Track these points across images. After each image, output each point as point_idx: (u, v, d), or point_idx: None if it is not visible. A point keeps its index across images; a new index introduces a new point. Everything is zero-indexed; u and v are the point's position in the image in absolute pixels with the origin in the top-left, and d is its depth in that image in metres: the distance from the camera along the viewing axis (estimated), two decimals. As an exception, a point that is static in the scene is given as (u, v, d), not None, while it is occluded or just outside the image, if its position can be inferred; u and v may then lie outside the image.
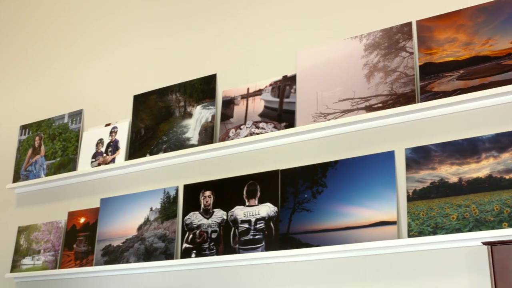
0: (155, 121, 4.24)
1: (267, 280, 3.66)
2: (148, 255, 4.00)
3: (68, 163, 4.55)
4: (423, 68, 3.36)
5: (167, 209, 4.05)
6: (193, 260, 3.80)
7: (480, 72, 3.21)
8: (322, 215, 3.49)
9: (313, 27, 3.81)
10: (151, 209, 4.11)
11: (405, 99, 3.36)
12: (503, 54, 3.18)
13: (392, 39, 3.50)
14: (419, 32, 3.43)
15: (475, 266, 3.12)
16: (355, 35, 3.63)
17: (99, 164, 4.36)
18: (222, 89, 4.04)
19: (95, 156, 4.42)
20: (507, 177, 3.09)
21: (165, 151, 4.09)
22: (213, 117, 3.98)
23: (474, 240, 3.08)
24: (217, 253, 3.76)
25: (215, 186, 3.90)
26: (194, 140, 4.00)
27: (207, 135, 3.95)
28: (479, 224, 3.08)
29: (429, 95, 3.30)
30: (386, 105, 3.40)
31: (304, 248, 3.46)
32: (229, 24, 4.14)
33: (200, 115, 4.05)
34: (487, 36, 3.25)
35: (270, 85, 3.85)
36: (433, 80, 3.32)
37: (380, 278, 3.35)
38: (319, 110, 3.60)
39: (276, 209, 3.64)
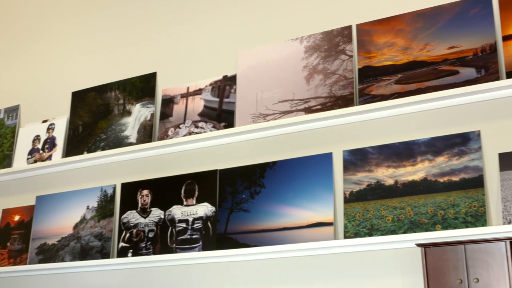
0: (94, 118, 4.20)
1: (204, 280, 3.66)
2: (84, 254, 3.96)
3: (3, 159, 4.47)
4: (362, 71, 3.40)
5: (104, 208, 4.01)
6: (130, 259, 3.77)
7: (417, 76, 3.27)
8: (259, 216, 3.50)
9: (254, 28, 3.82)
10: (87, 208, 4.07)
11: (344, 101, 3.39)
12: (440, 59, 3.24)
13: (332, 42, 3.53)
14: (359, 35, 3.47)
15: (409, 267, 3.17)
16: (295, 37, 3.65)
17: (35, 161, 4.29)
18: (162, 88, 4.02)
19: (31, 152, 4.35)
20: (441, 180, 3.14)
21: (103, 149, 4.05)
22: (152, 115, 3.96)
23: (409, 242, 3.13)
24: (154, 253, 3.74)
25: (153, 185, 3.88)
26: (133, 139, 3.97)
27: (146, 134, 3.93)
28: (413, 226, 3.13)
29: (367, 98, 3.34)
30: (325, 107, 3.43)
31: (241, 248, 3.46)
32: (171, 22, 4.12)
33: (139, 113, 4.02)
34: (425, 41, 3.30)
35: (210, 84, 3.84)
36: (371, 83, 3.36)
37: (316, 278, 3.37)
38: (258, 111, 3.61)
39: (214, 209, 3.64)
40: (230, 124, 3.69)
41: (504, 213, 2.97)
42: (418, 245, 2.96)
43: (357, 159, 3.35)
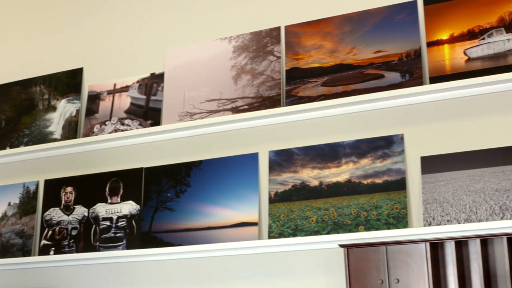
0: (17, 113, 4.11)
1: (127, 279, 3.63)
2: (4, 251, 3.88)
3: None
4: (289, 72, 3.43)
5: (26, 204, 3.93)
6: (52, 257, 3.71)
7: (344, 79, 3.31)
8: (184, 215, 3.49)
9: (183, 26, 3.80)
10: (9, 204, 3.98)
11: (271, 102, 3.41)
12: (366, 63, 3.29)
13: (261, 43, 3.54)
14: (287, 37, 3.49)
15: (332, 267, 3.21)
16: (224, 37, 3.65)
17: (-45, 156, 4.19)
18: (88, 84, 3.96)
19: (-49, 147, 4.24)
20: (365, 182, 3.19)
21: (26, 144, 3.97)
22: (78, 111, 3.91)
23: (332, 243, 3.17)
24: (77, 251, 3.69)
25: (77, 182, 3.82)
26: (57, 135, 3.91)
27: (71, 130, 3.87)
28: (337, 227, 3.17)
29: (294, 99, 3.36)
30: (252, 108, 3.44)
31: (166, 247, 3.44)
32: (99, 18, 4.07)
33: (65, 109, 3.96)
34: (352, 45, 3.34)
35: (138, 82, 3.81)
36: (298, 85, 3.38)
37: (240, 278, 3.38)
38: (185, 110, 3.60)
39: (138, 207, 3.61)
40: (156, 122, 3.66)
41: (425, 215, 3.03)
42: (341, 245, 3.00)
43: (282, 159, 3.37)
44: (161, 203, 3.56)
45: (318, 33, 3.42)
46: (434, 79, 3.11)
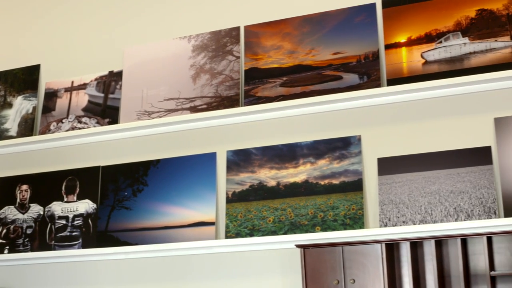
0: (-28, 109, 4.06)
1: (83, 278, 3.60)
2: (-43, 249, 3.83)
3: None
4: (248, 73, 3.43)
5: (-20, 202, 3.88)
6: (6, 256, 3.66)
7: (302, 80, 3.32)
8: (141, 214, 3.47)
9: (142, 24, 3.78)
10: (-38, 202, 3.93)
11: (229, 102, 3.41)
12: (325, 64, 3.31)
13: (220, 42, 3.54)
14: (247, 37, 3.49)
15: (289, 267, 3.22)
16: (184, 36, 3.64)
17: None
18: (46, 81, 3.92)
19: None
20: (322, 183, 3.21)
21: (-19, 141, 3.92)
22: (34, 108, 3.86)
23: (289, 243, 3.18)
24: (32, 250, 3.65)
25: (32, 180, 3.78)
26: (13, 132, 3.86)
27: (27, 127, 3.83)
28: (294, 227, 3.18)
29: (252, 99, 3.36)
30: (210, 107, 3.44)
31: (122, 247, 3.42)
32: (57, 14, 4.03)
33: (21, 106, 3.91)
34: (311, 46, 3.36)
35: (96, 79, 3.78)
36: (257, 85, 3.39)
37: (197, 278, 3.38)
38: (143, 108, 3.58)
39: (95, 205, 3.58)
40: (114, 120, 3.64)
41: (381, 216, 3.05)
42: (298, 246, 3.01)
43: (240, 159, 3.37)
44: (118, 202, 3.54)
45: (278, 34, 3.43)
46: (391, 81, 3.14)
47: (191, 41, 3.61)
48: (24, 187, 3.78)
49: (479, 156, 3.00)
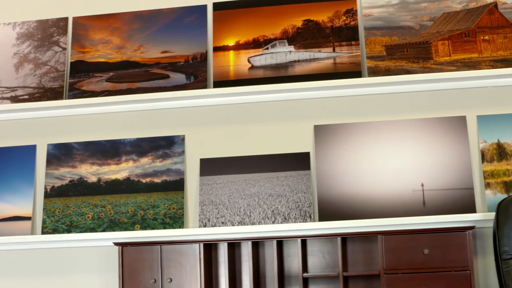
0: None
1: None
2: None
3: None
4: (74, 65, 3.36)
5: None
6: None
7: (129, 77, 3.29)
8: (-48, 206, 3.32)
9: (-36, 7, 3.61)
10: None
11: (53, 94, 3.32)
12: (153, 62, 3.29)
13: (47, 32, 3.44)
14: (75, 29, 3.42)
15: (107, 265, 3.18)
16: (8, 22, 3.50)
17: None
18: None
19: None
20: (144, 181, 3.19)
21: None
22: None
23: (107, 240, 3.14)
24: None
25: None
26: None
27: None
28: (113, 225, 3.14)
29: (77, 93, 3.30)
30: (32, 98, 3.33)
31: None
32: None
33: None
34: (140, 42, 3.33)
35: None
36: (83, 78, 3.32)
37: (12, 274, 3.27)
38: (-39, 95, 3.42)
39: None
40: None
41: (201, 216, 3.08)
42: (116, 243, 2.98)
43: (61, 153, 3.29)
44: None
45: (107, 28, 3.38)
46: (218, 84, 3.18)
47: (16, 28, 3.48)
48: None
49: (298, 162, 3.10)
